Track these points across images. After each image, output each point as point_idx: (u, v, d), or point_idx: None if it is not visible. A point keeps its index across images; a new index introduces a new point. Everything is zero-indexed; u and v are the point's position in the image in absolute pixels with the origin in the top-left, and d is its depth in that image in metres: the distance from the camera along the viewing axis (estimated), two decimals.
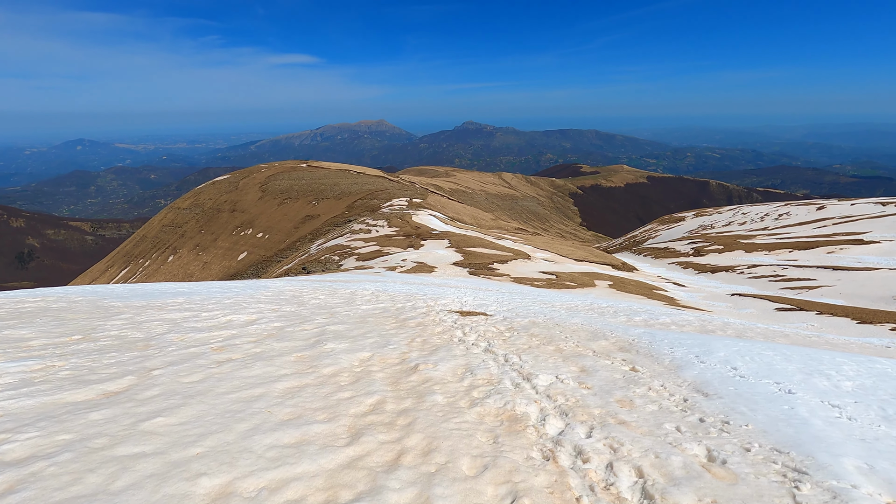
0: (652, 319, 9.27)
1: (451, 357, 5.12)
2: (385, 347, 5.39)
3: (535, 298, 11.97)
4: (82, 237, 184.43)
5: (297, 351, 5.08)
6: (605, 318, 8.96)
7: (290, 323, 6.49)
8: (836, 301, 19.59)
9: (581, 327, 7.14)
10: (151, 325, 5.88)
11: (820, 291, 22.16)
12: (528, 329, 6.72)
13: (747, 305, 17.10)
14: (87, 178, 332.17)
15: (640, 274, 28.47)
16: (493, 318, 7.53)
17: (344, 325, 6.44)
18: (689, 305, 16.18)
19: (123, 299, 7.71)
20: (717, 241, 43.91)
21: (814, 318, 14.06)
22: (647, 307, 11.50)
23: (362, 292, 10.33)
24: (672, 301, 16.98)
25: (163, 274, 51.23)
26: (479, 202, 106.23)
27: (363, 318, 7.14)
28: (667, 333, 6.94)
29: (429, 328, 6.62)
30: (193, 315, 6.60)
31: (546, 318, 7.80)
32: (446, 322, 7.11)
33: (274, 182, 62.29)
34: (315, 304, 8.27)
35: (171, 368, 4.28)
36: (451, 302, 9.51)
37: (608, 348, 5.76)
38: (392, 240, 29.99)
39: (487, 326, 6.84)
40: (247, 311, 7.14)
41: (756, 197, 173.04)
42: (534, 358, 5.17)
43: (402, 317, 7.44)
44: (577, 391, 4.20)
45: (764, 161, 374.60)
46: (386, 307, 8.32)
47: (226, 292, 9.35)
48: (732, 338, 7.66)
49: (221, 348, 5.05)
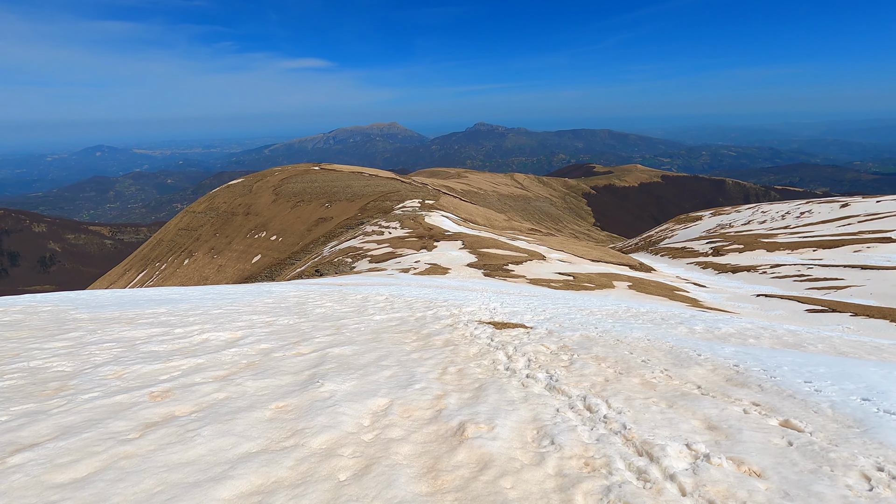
0: (713, 328, 7.99)
1: (507, 405, 3.63)
2: (409, 387, 3.94)
3: (568, 303, 10.93)
4: (102, 241, 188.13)
5: (277, 398, 3.56)
6: (662, 329, 7.72)
7: (282, 343, 5.27)
8: (867, 301, 18.78)
9: (651, 344, 5.84)
10: (96, 351, 4.67)
11: (849, 292, 21.31)
12: (587, 348, 5.46)
13: (775, 307, 16.43)
14: (107, 184, 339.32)
15: (658, 274, 27.79)
16: (536, 333, 6.28)
17: (352, 347, 5.22)
18: (714, 307, 15.60)
19: (95, 310, 6.93)
20: (736, 240, 42.85)
21: (849, 320, 13.40)
22: (692, 312, 10.21)
23: (375, 298, 9.53)
24: (695, 302, 16.41)
25: (178, 277, 51.74)
26: (492, 203, 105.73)
27: (376, 333, 6.06)
28: (772, 354, 5.58)
29: (461, 348, 5.40)
30: (163, 333, 5.51)
31: (600, 332, 6.52)
32: (480, 338, 5.94)
33: (287, 185, 62.63)
34: (319, 315, 7.28)
35: (53, 447, 2.68)
36: (478, 309, 8.48)
37: (713, 381, 4.38)
38: (405, 241, 29.75)
39: (535, 345, 5.56)
40: (233, 326, 6.03)
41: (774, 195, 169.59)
42: (626, 403, 3.72)
43: (425, 331, 6.31)
44: (747, 484, 2.56)
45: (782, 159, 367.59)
46: (403, 317, 7.34)
47: (221, 299, 8.70)
48: (871, 361, 6.12)
49: (165, 394, 3.56)
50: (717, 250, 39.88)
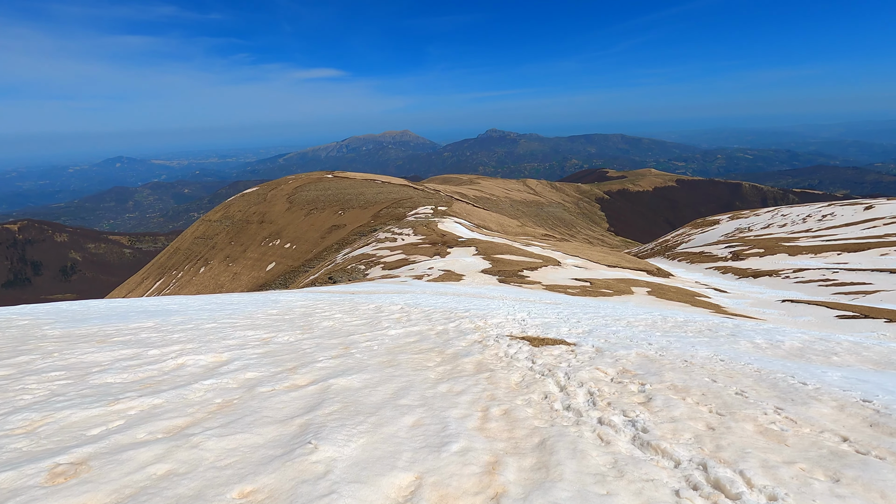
0: (775, 341, 6.79)
1: (595, 482, 2.44)
2: (443, 449, 2.75)
3: (599, 312, 9.90)
4: (121, 250, 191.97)
5: (245, 475, 2.40)
6: (723, 344, 6.54)
7: (274, 370, 4.27)
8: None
9: (729, 367, 4.61)
10: (32, 385, 3.68)
11: (878, 296, 20.53)
12: (656, 375, 4.31)
13: (802, 312, 15.84)
14: (126, 194, 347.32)
15: (676, 279, 27.19)
16: (583, 351, 5.31)
17: (361, 375, 4.19)
18: (739, 313, 15.10)
19: (73, 325, 6.25)
20: (756, 244, 41.90)
21: (884, 327, 12.83)
22: (735, 321, 8.89)
23: (389, 308, 8.77)
24: (718, 308, 15.91)
25: (194, 285, 52.32)
26: (505, 209, 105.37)
27: (392, 353, 5.15)
28: (887, 380, 4.50)
29: (498, 374, 4.36)
30: (132, 356, 4.62)
31: (657, 349, 5.48)
32: (519, 359, 4.92)
33: (301, 193, 63.14)
34: (326, 330, 6.41)
35: None
36: (506, 321, 7.52)
37: (854, 427, 3.16)
38: (418, 248, 29.61)
39: (589, 370, 4.50)
40: (220, 346, 5.17)
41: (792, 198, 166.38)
42: (769, 476, 2.51)
43: (450, 350, 5.37)
44: None
45: (800, 161, 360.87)
46: (422, 331, 6.46)
47: (220, 310, 8.08)
48: None
49: (76, 469, 2.38)
50: (736, 255, 39.00)
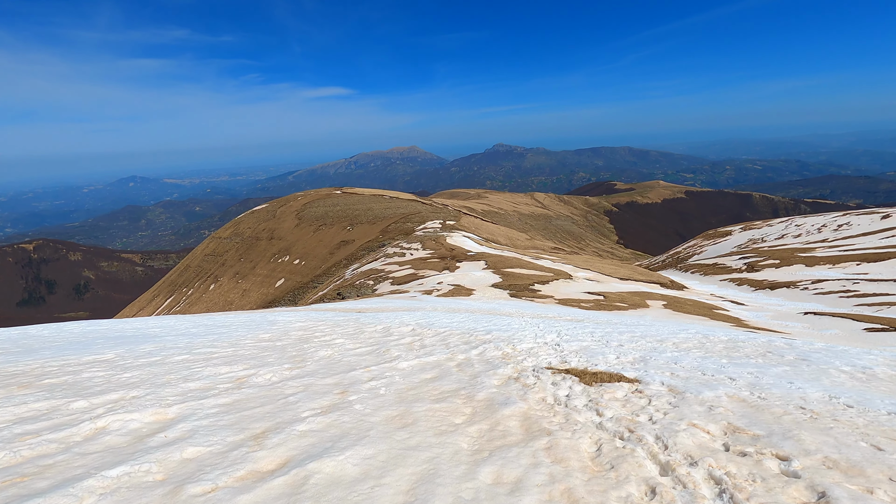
0: (864, 368, 5.75)
1: None
2: None
3: (633, 331, 8.73)
4: (133, 268, 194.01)
5: None
6: (813, 376, 5.27)
7: (229, 442, 2.91)
8: None
9: (868, 418, 3.54)
10: None
11: None
12: (791, 440, 3.03)
13: (827, 325, 15.25)
14: (139, 213, 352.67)
15: (691, 292, 26.58)
16: (655, 393, 4.11)
17: (359, 452, 2.80)
18: (761, 327, 14.56)
19: (18, 357, 5.40)
20: (771, 255, 41.07)
21: None
22: (790, 342, 7.89)
23: (399, 330, 7.80)
24: (739, 322, 15.37)
25: (204, 302, 52.40)
26: (513, 223, 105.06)
27: (404, 403, 3.84)
28: None
29: (560, 441, 3.06)
30: (44, 413, 3.38)
31: (749, 389, 4.32)
32: (577, 409, 3.71)
33: (310, 209, 63.44)
34: (321, 362, 5.27)
35: None
36: (537, 346, 6.37)
37: None
38: (427, 262, 29.35)
39: (687, 430, 3.21)
40: (173, 394, 3.87)
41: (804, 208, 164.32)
42: None
43: (481, 393, 4.11)
44: None
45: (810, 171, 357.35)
46: (440, 362, 5.35)
47: (204, 335, 7.25)
48: None
49: None
50: (751, 266, 38.22)
